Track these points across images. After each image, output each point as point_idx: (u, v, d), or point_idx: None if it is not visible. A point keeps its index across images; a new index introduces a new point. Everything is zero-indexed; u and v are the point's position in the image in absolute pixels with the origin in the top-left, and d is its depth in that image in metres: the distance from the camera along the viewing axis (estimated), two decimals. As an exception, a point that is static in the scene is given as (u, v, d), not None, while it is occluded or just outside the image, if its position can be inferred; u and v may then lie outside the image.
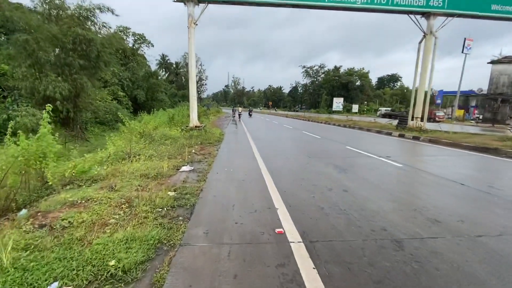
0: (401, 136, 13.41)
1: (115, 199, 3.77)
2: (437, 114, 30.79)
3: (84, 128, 18.48)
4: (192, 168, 6.07)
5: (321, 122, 24.74)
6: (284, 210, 3.62)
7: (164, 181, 5.03)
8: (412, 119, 15.29)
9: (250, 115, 37.13)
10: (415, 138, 12.43)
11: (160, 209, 3.59)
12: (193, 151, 8.11)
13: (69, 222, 3.06)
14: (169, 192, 4.28)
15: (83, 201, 3.69)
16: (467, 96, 38.46)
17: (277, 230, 3.01)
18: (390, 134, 14.33)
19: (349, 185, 4.84)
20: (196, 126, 12.82)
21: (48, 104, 5.12)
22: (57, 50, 14.64)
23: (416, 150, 9.76)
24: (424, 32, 14.85)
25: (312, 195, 4.30)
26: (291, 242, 2.78)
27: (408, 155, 8.86)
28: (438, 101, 46.98)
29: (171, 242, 2.73)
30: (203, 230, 3.03)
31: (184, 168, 5.96)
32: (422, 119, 14.97)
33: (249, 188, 4.65)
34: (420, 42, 15.43)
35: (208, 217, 3.41)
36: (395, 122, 18.34)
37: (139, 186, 4.58)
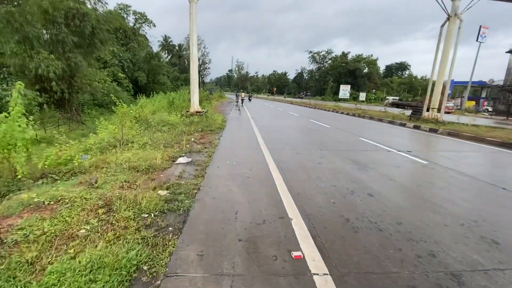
0: (416, 127, 12.49)
1: (91, 201, 3.07)
2: (446, 105, 29.43)
3: (81, 110, 17.74)
4: (190, 159, 5.34)
5: (328, 110, 23.70)
6: (300, 222, 2.90)
7: (156, 175, 4.32)
8: (428, 110, 14.29)
9: (249, 99, 38.96)
10: (432, 130, 11.53)
11: (146, 215, 2.90)
12: (192, 139, 7.35)
13: (24, 234, 2.37)
14: (160, 191, 3.57)
15: (52, 203, 2.99)
16: (482, 87, 36.80)
17: (294, 254, 2.30)
18: (404, 125, 13.40)
19: (374, 187, 4.09)
20: (197, 112, 12.00)
21: (19, 82, 4.33)
22: (48, 25, 13.61)
23: (437, 144, 8.90)
24: (448, 14, 13.51)
25: (332, 199, 3.57)
26: (314, 274, 2.07)
27: (430, 150, 8.03)
28: (448, 92, 45.22)
29: (153, 270, 2.04)
30: (197, 250, 2.33)
31: (180, 160, 5.24)
32: (439, 110, 13.97)
33: (255, 188, 3.93)
34: (443, 26, 14.10)
35: (204, 230, 2.70)
36: (407, 112, 17.34)
37: (125, 182, 3.88)
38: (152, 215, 2.91)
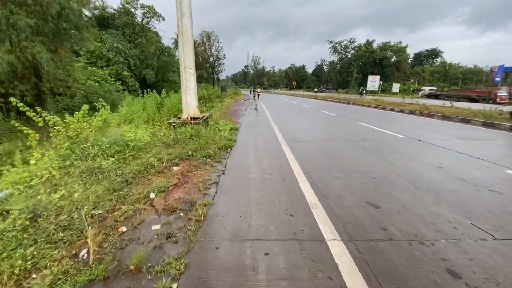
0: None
1: None
2: (498, 94, 23.72)
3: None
4: None
5: (368, 106, 18.69)
6: None
7: None
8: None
9: (258, 96, 32.83)
10: None
11: None
12: (152, 195, 3.20)
13: None
14: None
15: None
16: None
17: None
18: (520, 129, 8.45)
19: None
20: (193, 118, 7.87)
21: None
22: (-2, 5, 10.08)
23: None
24: None
25: None
26: None
27: None
28: (497, 79, 38.18)
29: None
30: None
31: None
32: None
33: None
34: None
35: None
36: (503, 108, 12.20)
37: None
38: None
